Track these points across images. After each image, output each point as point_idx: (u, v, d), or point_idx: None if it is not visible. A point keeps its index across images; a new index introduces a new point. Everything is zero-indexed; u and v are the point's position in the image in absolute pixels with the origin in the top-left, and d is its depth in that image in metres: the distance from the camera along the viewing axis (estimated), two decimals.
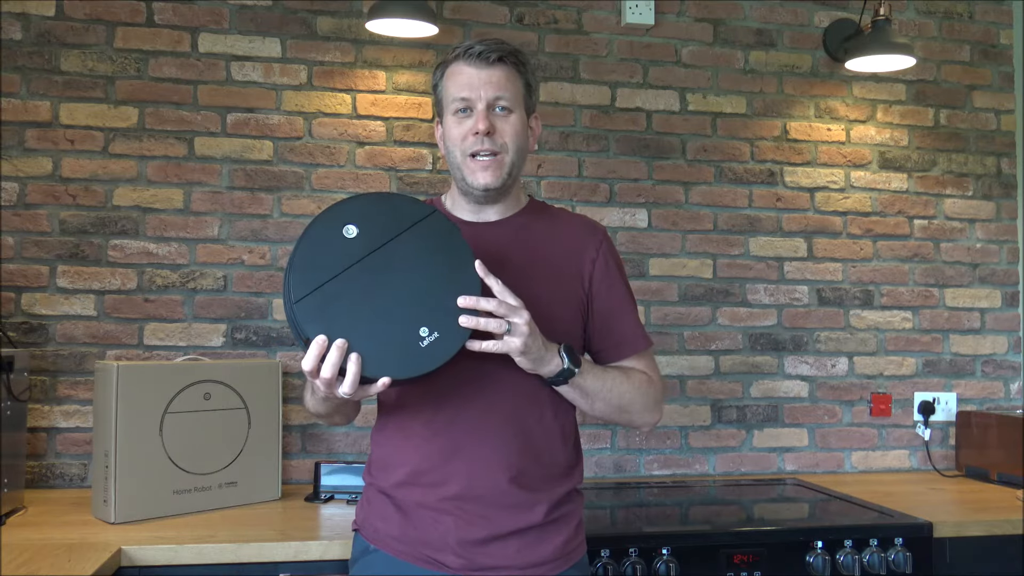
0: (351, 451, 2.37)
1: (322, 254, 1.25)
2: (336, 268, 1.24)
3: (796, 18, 2.69)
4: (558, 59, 2.54)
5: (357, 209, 1.28)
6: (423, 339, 1.23)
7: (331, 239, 1.26)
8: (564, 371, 1.34)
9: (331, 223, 1.27)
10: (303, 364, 1.21)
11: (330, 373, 1.20)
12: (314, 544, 1.72)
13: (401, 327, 1.23)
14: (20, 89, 2.26)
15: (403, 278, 1.26)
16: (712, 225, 2.61)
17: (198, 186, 2.33)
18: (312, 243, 1.26)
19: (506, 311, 1.25)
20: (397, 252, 1.27)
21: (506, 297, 1.26)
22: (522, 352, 1.28)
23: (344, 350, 1.20)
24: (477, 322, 1.24)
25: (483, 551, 1.36)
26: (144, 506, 1.89)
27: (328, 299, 1.23)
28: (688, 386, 2.57)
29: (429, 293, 1.25)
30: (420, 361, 1.23)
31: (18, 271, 2.23)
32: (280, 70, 2.39)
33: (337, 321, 1.21)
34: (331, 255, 1.25)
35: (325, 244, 1.26)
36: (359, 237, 1.26)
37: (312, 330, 1.21)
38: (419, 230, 1.29)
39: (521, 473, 1.39)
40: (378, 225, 1.28)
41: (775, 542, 1.90)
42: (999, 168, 2.80)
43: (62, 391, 2.24)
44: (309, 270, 1.23)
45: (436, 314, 1.24)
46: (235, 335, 2.33)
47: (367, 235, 1.27)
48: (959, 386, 2.73)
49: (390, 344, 1.23)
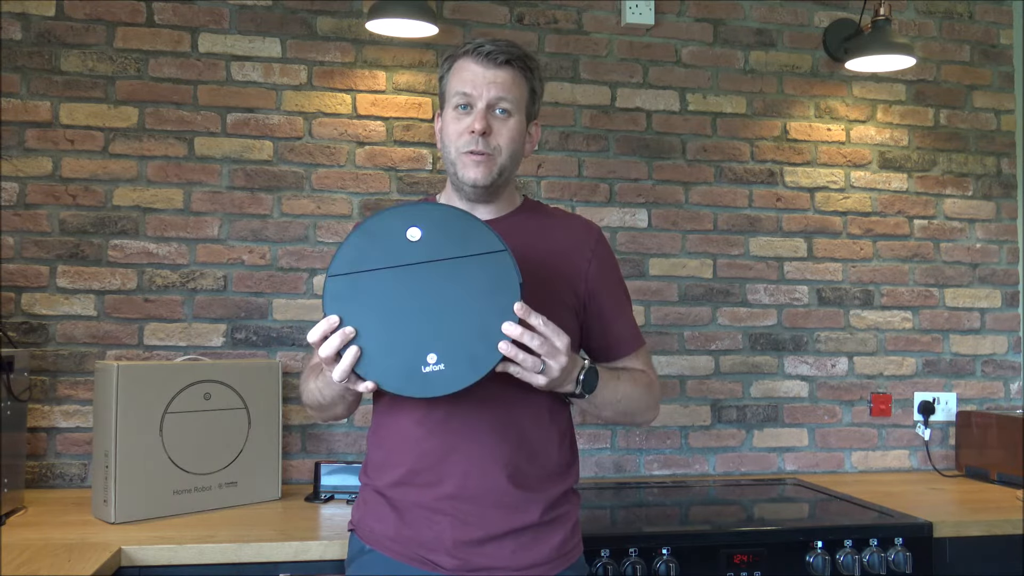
0: (351, 451, 2.37)
1: (377, 244, 1.25)
2: (381, 262, 1.24)
3: (796, 18, 2.69)
4: (558, 59, 2.54)
5: (431, 216, 1.27)
6: (427, 364, 1.22)
7: (393, 234, 1.25)
8: (574, 395, 1.36)
9: (401, 219, 1.26)
10: (309, 334, 1.23)
11: (326, 353, 1.22)
12: (314, 544, 1.72)
13: (412, 344, 1.22)
14: (20, 89, 2.26)
15: (438, 300, 1.24)
16: (712, 225, 2.61)
17: (198, 186, 2.33)
18: (374, 228, 1.26)
19: (547, 352, 1.24)
20: (445, 273, 1.24)
21: (553, 338, 1.24)
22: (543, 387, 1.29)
23: (347, 339, 1.21)
24: (516, 354, 1.22)
25: (479, 551, 1.36)
26: (144, 506, 1.89)
27: (360, 286, 1.23)
28: (688, 386, 2.57)
29: (456, 324, 1.23)
30: (413, 383, 1.23)
31: (18, 271, 2.23)
32: (280, 70, 2.39)
33: (357, 310, 1.22)
34: (384, 248, 1.25)
35: (385, 235, 1.25)
36: (419, 243, 1.25)
37: (330, 308, 1.23)
38: (479, 261, 1.25)
39: (517, 473, 1.39)
40: (443, 240, 1.25)
41: (775, 542, 1.90)
42: (999, 168, 2.80)
43: (62, 391, 2.24)
44: (357, 252, 1.24)
45: (452, 347, 1.22)
46: (235, 335, 2.33)
47: (427, 245, 1.25)
48: (959, 386, 2.73)
49: (393, 355, 1.22)
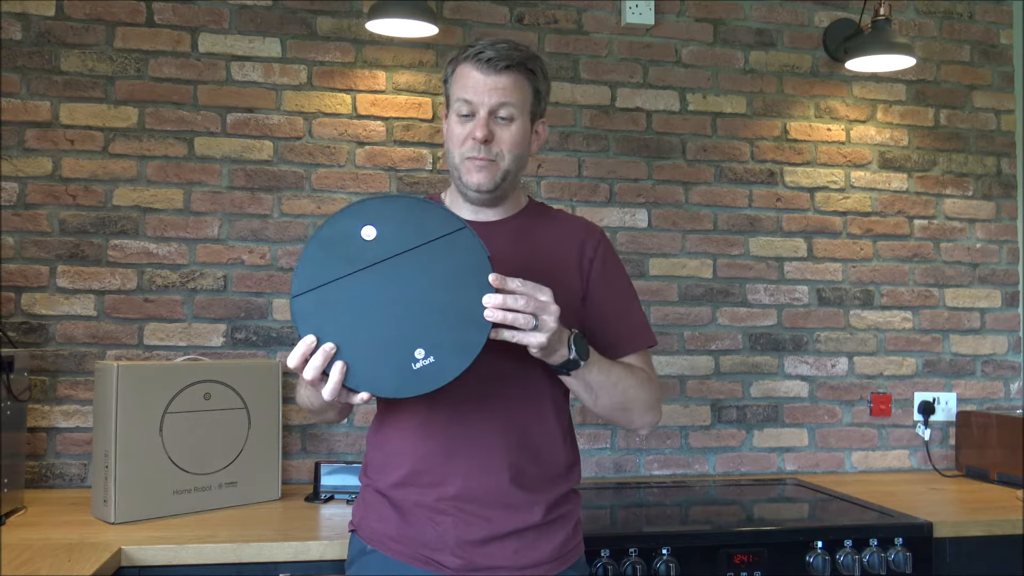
0: (351, 451, 2.37)
1: (334, 251, 1.19)
2: (343, 270, 1.19)
3: (796, 18, 2.69)
4: (558, 59, 2.54)
5: (381, 210, 1.22)
6: (416, 361, 1.18)
7: (347, 237, 1.20)
8: (569, 361, 1.32)
9: (352, 220, 1.21)
10: (288, 360, 1.18)
11: (311, 376, 1.17)
12: (314, 544, 1.72)
13: (397, 344, 1.18)
14: (20, 89, 2.26)
15: (410, 293, 1.19)
16: (712, 225, 2.61)
17: (198, 186, 2.33)
18: (327, 238, 1.20)
19: (536, 307, 1.21)
20: (410, 264, 1.20)
21: (536, 293, 1.22)
22: (542, 347, 1.25)
23: (329, 355, 1.17)
24: (505, 316, 1.19)
25: (481, 551, 1.36)
26: (144, 506, 1.89)
27: (328, 300, 1.18)
28: (688, 386, 2.57)
29: (435, 314, 1.19)
30: (407, 383, 1.19)
31: (18, 271, 2.23)
32: (280, 70, 2.39)
33: (332, 324, 1.17)
34: (342, 254, 1.19)
35: (340, 241, 1.20)
36: (376, 241, 1.20)
37: (304, 328, 1.17)
38: (442, 245, 1.20)
39: (520, 473, 1.39)
40: (400, 232, 1.20)
41: (775, 542, 1.90)
42: (999, 168, 2.80)
43: (62, 391, 2.24)
44: (316, 265, 1.19)
45: (437, 337, 1.19)
46: (235, 335, 2.33)
47: (385, 240, 1.20)
48: (959, 386, 2.73)
49: (380, 360, 1.18)
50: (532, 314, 1.21)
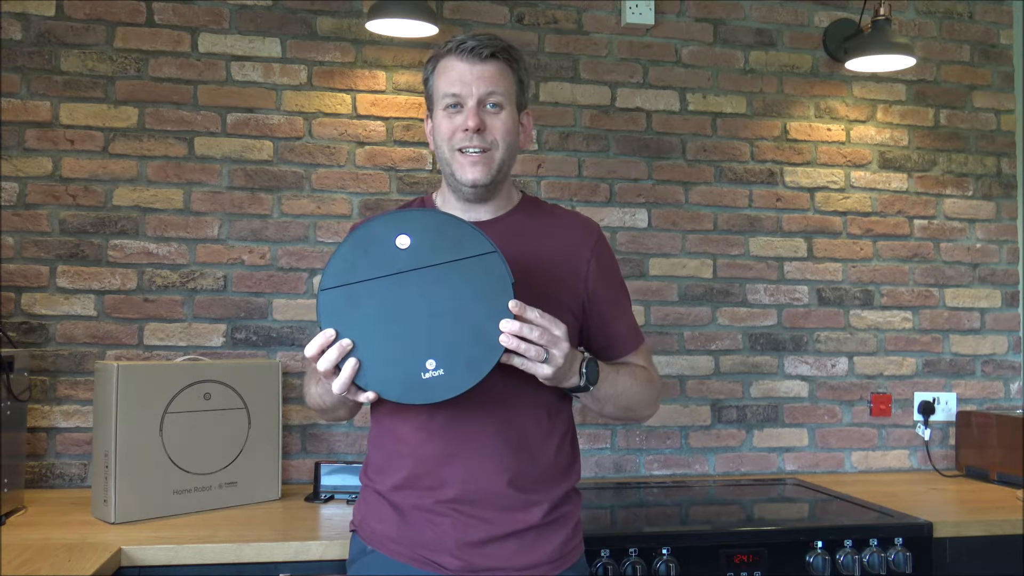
0: (351, 451, 2.37)
1: (367, 253, 1.25)
2: (372, 272, 1.24)
3: (796, 18, 2.69)
4: (558, 59, 2.54)
5: (419, 222, 1.27)
6: (426, 371, 1.23)
7: (382, 242, 1.26)
8: (580, 387, 1.36)
9: (389, 227, 1.26)
10: (306, 349, 1.23)
11: (324, 367, 1.22)
12: (314, 544, 1.72)
13: (410, 352, 1.23)
14: (20, 89, 2.26)
15: (432, 305, 1.24)
16: (712, 225, 2.61)
17: (198, 186, 2.33)
18: (362, 239, 1.26)
19: (548, 341, 1.24)
20: (437, 278, 1.25)
21: (551, 327, 1.24)
22: (547, 379, 1.29)
23: (345, 351, 1.22)
24: (518, 345, 1.23)
25: (481, 552, 1.36)
26: (144, 506, 1.89)
27: (353, 298, 1.24)
28: (688, 386, 2.57)
29: (452, 329, 1.23)
30: (414, 391, 1.23)
31: (18, 271, 2.23)
32: (280, 70, 2.39)
33: (352, 322, 1.23)
34: (374, 257, 1.25)
35: (374, 244, 1.26)
36: (409, 250, 1.25)
37: (326, 322, 1.23)
38: (471, 264, 1.25)
39: (518, 475, 1.38)
40: (433, 246, 1.25)
41: (775, 542, 1.90)
42: (999, 168, 2.80)
43: (62, 391, 2.24)
44: (347, 264, 1.25)
45: (450, 352, 1.23)
46: (235, 335, 2.33)
47: (417, 251, 1.25)
48: (959, 386, 2.73)
49: (392, 364, 1.23)
50: (543, 347, 1.24)
